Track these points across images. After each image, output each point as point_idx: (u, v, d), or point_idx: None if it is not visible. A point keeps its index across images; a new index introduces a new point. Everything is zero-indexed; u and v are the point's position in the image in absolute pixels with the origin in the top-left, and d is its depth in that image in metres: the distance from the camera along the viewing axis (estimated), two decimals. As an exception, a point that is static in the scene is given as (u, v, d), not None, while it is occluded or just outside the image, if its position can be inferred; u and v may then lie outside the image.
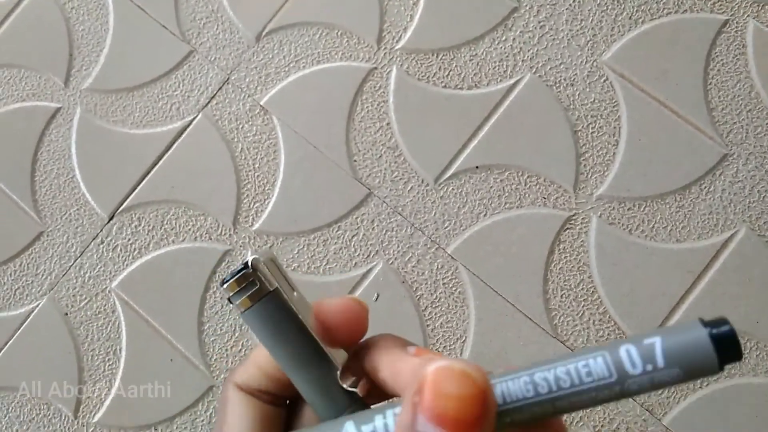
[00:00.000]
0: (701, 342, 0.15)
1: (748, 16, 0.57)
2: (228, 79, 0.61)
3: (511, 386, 0.16)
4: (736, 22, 0.57)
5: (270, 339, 0.19)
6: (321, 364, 0.19)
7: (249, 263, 0.18)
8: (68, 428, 0.59)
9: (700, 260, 0.55)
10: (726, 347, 0.14)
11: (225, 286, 0.18)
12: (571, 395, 0.15)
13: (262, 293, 0.18)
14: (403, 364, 0.18)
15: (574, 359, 0.16)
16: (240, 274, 0.18)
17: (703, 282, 0.55)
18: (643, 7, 0.58)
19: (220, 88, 0.61)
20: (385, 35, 0.60)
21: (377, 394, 0.20)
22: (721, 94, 0.57)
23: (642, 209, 0.56)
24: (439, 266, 0.57)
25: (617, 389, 0.15)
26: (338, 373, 0.19)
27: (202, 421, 0.58)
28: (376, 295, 0.58)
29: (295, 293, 0.19)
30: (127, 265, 0.60)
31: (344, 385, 0.19)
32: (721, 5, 0.58)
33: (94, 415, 0.59)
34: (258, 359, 0.20)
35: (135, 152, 0.61)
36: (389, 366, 0.19)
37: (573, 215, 0.57)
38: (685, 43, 0.58)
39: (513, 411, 0.16)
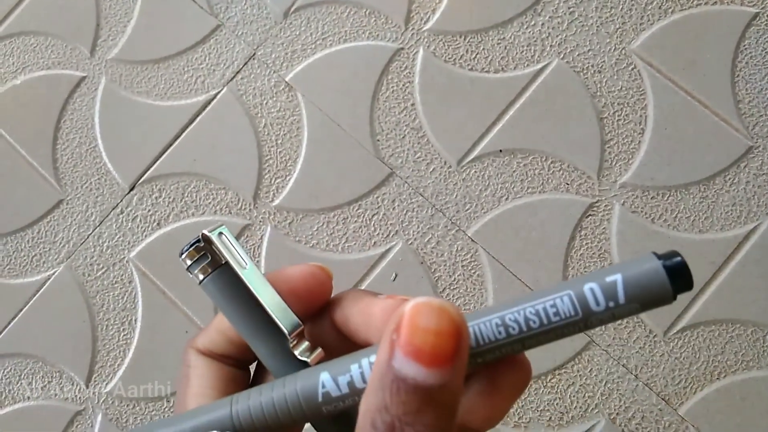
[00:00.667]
0: (657, 274, 0.16)
1: (778, 9, 0.57)
2: (254, 54, 0.61)
3: (483, 329, 0.16)
4: (767, 15, 0.57)
5: (225, 308, 0.19)
6: (271, 334, 0.19)
7: (200, 237, 0.19)
8: (80, 397, 0.59)
9: (722, 251, 0.55)
10: (679, 277, 0.15)
11: (182, 256, 0.19)
12: (539, 334, 0.16)
13: (215, 265, 0.19)
14: (375, 308, 0.18)
15: (541, 299, 0.16)
16: (193, 246, 0.19)
17: (724, 273, 0.55)
18: (673, -3, 0.58)
19: (245, 63, 0.61)
20: (413, 16, 0.60)
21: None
22: (749, 86, 0.57)
23: (665, 198, 0.56)
24: (459, 248, 0.57)
25: (581, 325, 0.16)
26: (290, 343, 0.19)
27: (215, 394, 0.58)
28: (394, 275, 0.57)
29: (247, 265, 0.19)
30: (146, 236, 0.60)
31: (296, 354, 0.19)
32: (751, -2, 0.58)
33: (107, 384, 0.59)
34: (221, 325, 0.20)
35: (158, 124, 0.61)
36: (361, 312, 0.19)
37: (596, 202, 0.56)
38: (714, 34, 0.58)
39: (485, 352, 0.16)
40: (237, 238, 0.60)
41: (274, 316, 0.19)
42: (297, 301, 0.19)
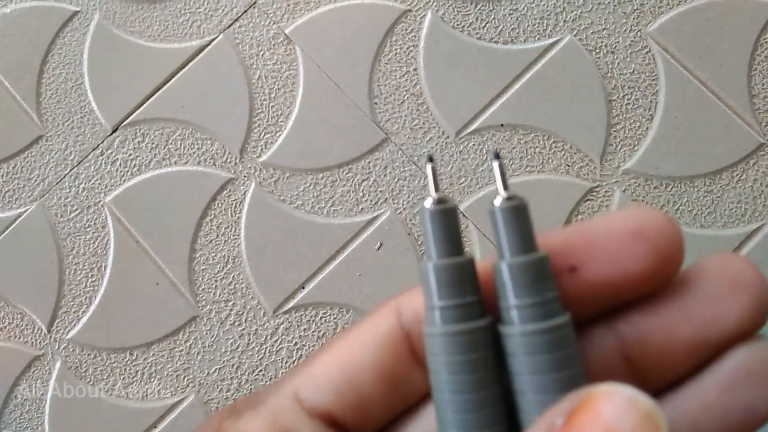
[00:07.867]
0: None
1: (804, 4, 0.55)
2: (255, 2, 0.59)
3: None
4: (791, 10, 0.55)
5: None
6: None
7: None
8: (40, 342, 0.57)
9: (723, 249, 0.52)
10: None
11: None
12: None
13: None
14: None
15: None
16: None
17: (722, 272, 0.52)
18: (695, -18, 0.56)
19: (245, 11, 0.59)
20: (424, -22, 0.58)
21: None
22: (765, 81, 0.54)
23: (668, 189, 0.53)
24: (449, 222, 0.55)
25: None
26: None
27: (181, 351, 0.56)
28: (379, 243, 0.55)
29: None
30: (124, 180, 0.58)
31: None
32: (777, -10, 0.55)
33: (69, 331, 0.56)
34: (334, 369, 0.14)
35: (149, 66, 0.59)
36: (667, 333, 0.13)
37: (596, 186, 0.54)
38: (734, 24, 0.55)
39: None
40: (219, 191, 0.57)
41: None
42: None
